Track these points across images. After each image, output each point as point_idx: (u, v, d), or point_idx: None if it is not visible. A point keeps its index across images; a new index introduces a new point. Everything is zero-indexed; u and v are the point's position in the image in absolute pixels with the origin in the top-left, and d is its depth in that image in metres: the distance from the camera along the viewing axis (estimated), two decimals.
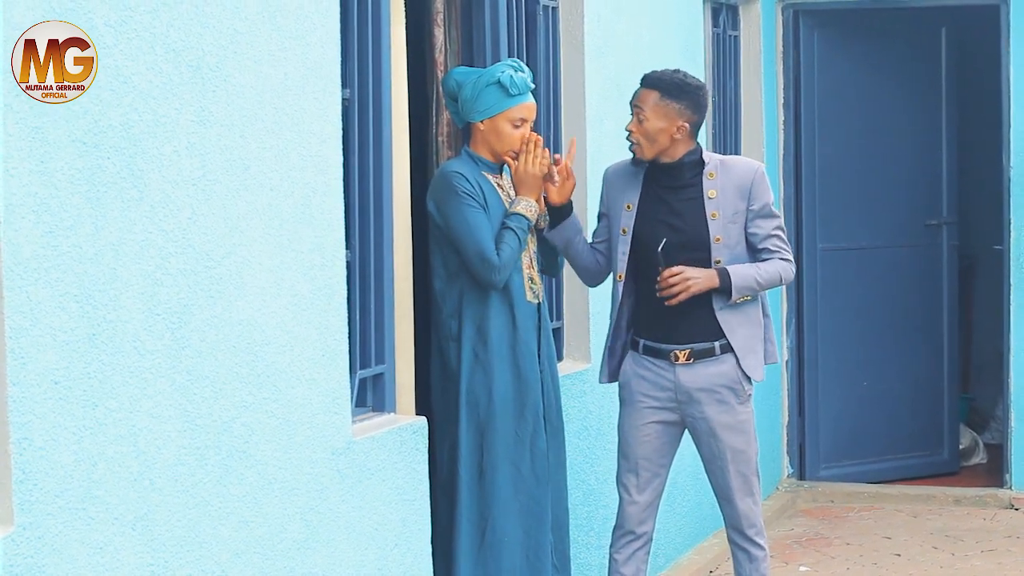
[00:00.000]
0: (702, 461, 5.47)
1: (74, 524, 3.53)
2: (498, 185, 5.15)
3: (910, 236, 8.92)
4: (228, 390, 4.04)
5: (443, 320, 5.11)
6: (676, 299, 5.24)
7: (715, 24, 7.90)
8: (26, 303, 3.40)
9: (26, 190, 3.40)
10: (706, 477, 5.52)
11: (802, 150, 8.66)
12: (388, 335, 4.94)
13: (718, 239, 5.29)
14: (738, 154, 8.06)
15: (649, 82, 5.31)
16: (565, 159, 5.25)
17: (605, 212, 5.45)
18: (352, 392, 4.71)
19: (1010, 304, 8.31)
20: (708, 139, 7.56)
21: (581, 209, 6.18)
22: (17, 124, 3.38)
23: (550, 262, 5.38)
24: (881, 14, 8.72)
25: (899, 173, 8.85)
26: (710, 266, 5.28)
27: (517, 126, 5.11)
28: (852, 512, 8.35)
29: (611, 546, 5.50)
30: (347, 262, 4.67)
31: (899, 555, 7.45)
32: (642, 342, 5.37)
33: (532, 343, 5.15)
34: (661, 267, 5.25)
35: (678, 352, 5.33)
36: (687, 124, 5.27)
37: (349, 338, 4.64)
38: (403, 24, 5.02)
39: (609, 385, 5.60)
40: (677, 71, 5.34)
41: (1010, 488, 8.38)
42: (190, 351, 3.90)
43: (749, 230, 5.34)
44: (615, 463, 5.58)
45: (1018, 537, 7.77)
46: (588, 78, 6.22)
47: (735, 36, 8.18)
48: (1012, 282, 8.29)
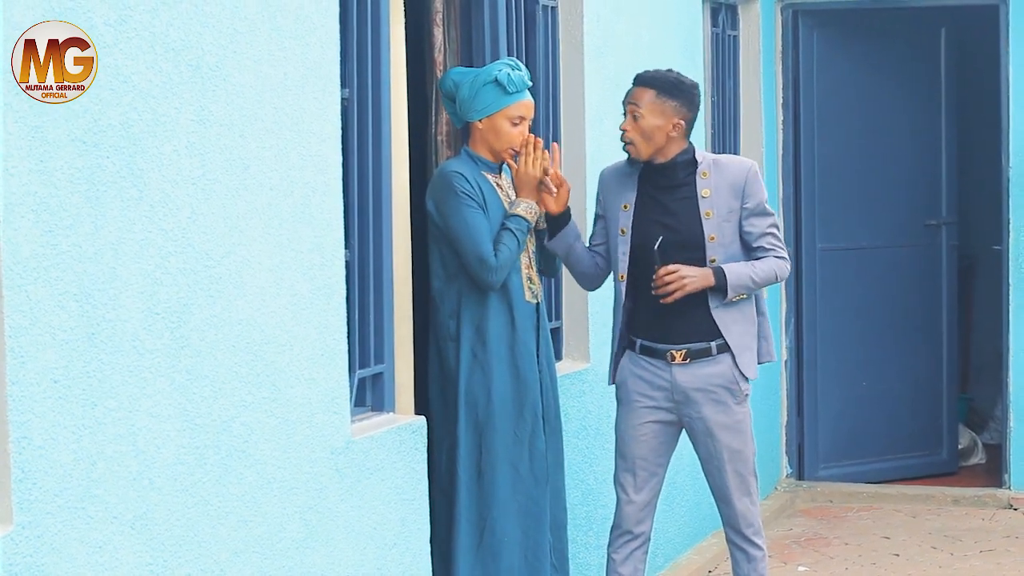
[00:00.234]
0: (700, 461, 5.48)
1: (73, 523, 3.53)
2: (497, 185, 5.15)
3: (909, 236, 8.91)
4: (227, 389, 4.05)
5: (441, 320, 5.11)
6: (671, 297, 5.24)
7: (714, 24, 7.90)
8: (25, 302, 3.40)
9: (25, 189, 3.40)
10: (704, 477, 5.53)
11: (801, 150, 8.66)
12: (387, 335, 4.94)
13: (712, 237, 5.30)
14: (737, 154, 8.06)
15: (644, 80, 5.32)
16: (552, 167, 5.24)
17: (602, 214, 5.45)
18: (351, 391, 4.72)
19: (1009, 304, 8.31)
20: (707, 139, 7.55)
21: (582, 209, 6.18)
22: (17, 123, 3.38)
23: (549, 263, 5.38)
24: (880, 14, 8.72)
25: (898, 173, 8.84)
26: (705, 265, 5.29)
27: (516, 124, 5.11)
28: (851, 512, 8.35)
29: (609, 546, 5.50)
30: (346, 262, 4.67)
31: (898, 555, 7.45)
32: (639, 342, 5.37)
33: (531, 343, 5.15)
34: (657, 265, 5.25)
35: (674, 352, 5.33)
36: (682, 122, 5.28)
37: (348, 338, 4.64)
38: (402, 24, 5.02)
39: (608, 385, 5.60)
40: (670, 70, 5.35)
41: (1009, 488, 8.38)
42: (189, 350, 3.90)
43: (744, 228, 5.35)
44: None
45: (1017, 537, 7.77)
46: (587, 78, 6.22)
47: (734, 36, 8.18)
48: (1011, 282, 8.29)
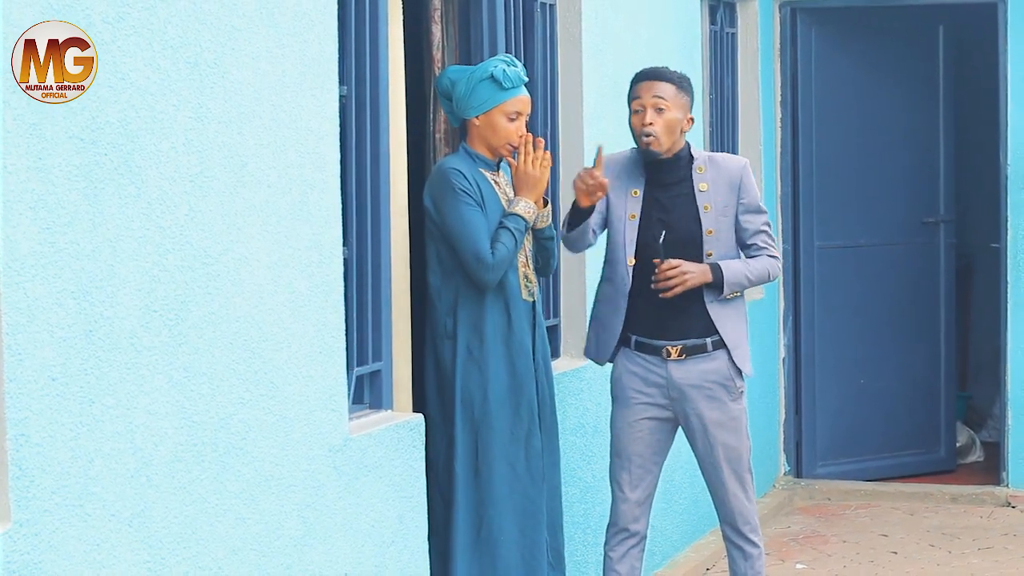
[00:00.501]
0: (696, 458, 5.48)
1: (71, 521, 3.53)
2: (495, 183, 5.15)
3: (907, 234, 8.91)
4: (225, 387, 4.04)
5: (438, 317, 5.10)
6: (672, 292, 5.24)
7: (712, 22, 7.90)
8: (23, 299, 3.40)
9: (23, 186, 3.40)
10: (701, 474, 5.53)
11: (799, 148, 8.66)
12: (385, 332, 4.94)
13: (710, 232, 5.32)
14: (735, 152, 8.07)
15: (662, 75, 5.33)
16: (596, 170, 5.18)
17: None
18: (349, 389, 4.72)
19: (1007, 302, 8.31)
20: (705, 137, 7.56)
21: None
22: (15, 121, 3.38)
23: (544, 263, 5.35)
24: (879, 12, 8.71)
25: (897, 171, 8.84)
26: (702, 259, 5.30)
27: (512, 119, 5.11)
28: (849, 510, 8.35)
29: (605, 544, 5.50)
30: (344, 259, 4.67)
31: (896, 553, 7.45)
32: (634, 338, 5.37)
33: (527, 341, 5.15)
34: (659, 260, 5.25)
35: (670, 348, 5.33)
36: (693, 118, 5.36)
37: (346, 335, 4.64)
38: (400, 21, 5.02)
39: (606, 383, 5.60)
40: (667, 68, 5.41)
41: (1007, 486, 8.38)
42: (187, 348, 3.90)
43: (739, 224, 5.38)
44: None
45: (1015, 535, 7.77)
46: (586, 76, 6.22)
47: (732, 34, 8.18)
48: (1009, 280, 8.29)
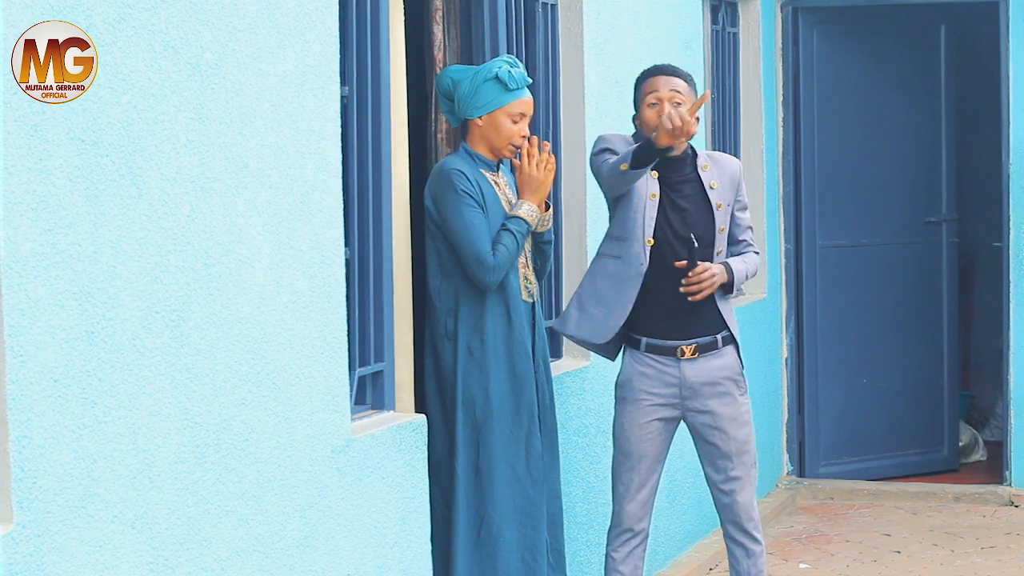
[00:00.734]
0: (701, 456, 5.44)
1: (73, 522, 3.53)
2: (495, 183, 5.14)
3: (910, 233, 8.90)
4: (227, 388, 4.04)
5: (438, 318, 5.09)
6: (701, 295, 5.24)
7: (714, 21, 7.90)
8: (25, 301, 3.40)
9: (25, 188, 3.39)
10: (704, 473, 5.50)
11: (801, 147, 8.65)
12: (387, 332, 4.93)
13: (721, 229, 5.36)
14: (737, 152, 8.07)
15: (676, 71, 5.33)
16: (692, 114, 4.98)
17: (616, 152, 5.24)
18: (351, 390, 4.71)
19: (1010, 301, 8.30)
20: (707, 137, 7.55)
21: (580, 204, 6.18)
22: (16, 122, 3.38)
23: (540, 266, 5.34)
24: (880, 11, 8.71)
25: (898, 170, 8.84)
26: (712, 257, 5.31)
27: (516, 121, 5.11)
28: (852, 509, 8.35)
29: (608, 545, 5.47)
30: (346, 259, 4.67)
31: (899, 552, 7.45)
32: (644, 340, 5.34)
33: (527, 342, 5.14)
34: (690, 262, 5.22)
35: (684, 347, 5.32)
36: (698, 116, 5.32)
37: (348, 336, 4.63)
38: (402, 21, 5.02)
39: (608, 383, 5.58)
40: None
41: (1010, 485, 8.37)
42: (189, 349, 3.90)
43: (734, 221, 5.43)
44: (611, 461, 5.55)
45: (1018, 534, 7.76)
46: (587, 75, 6.21)
47: (734, 33, 8.18)
48: (1012, 279, 8.28)
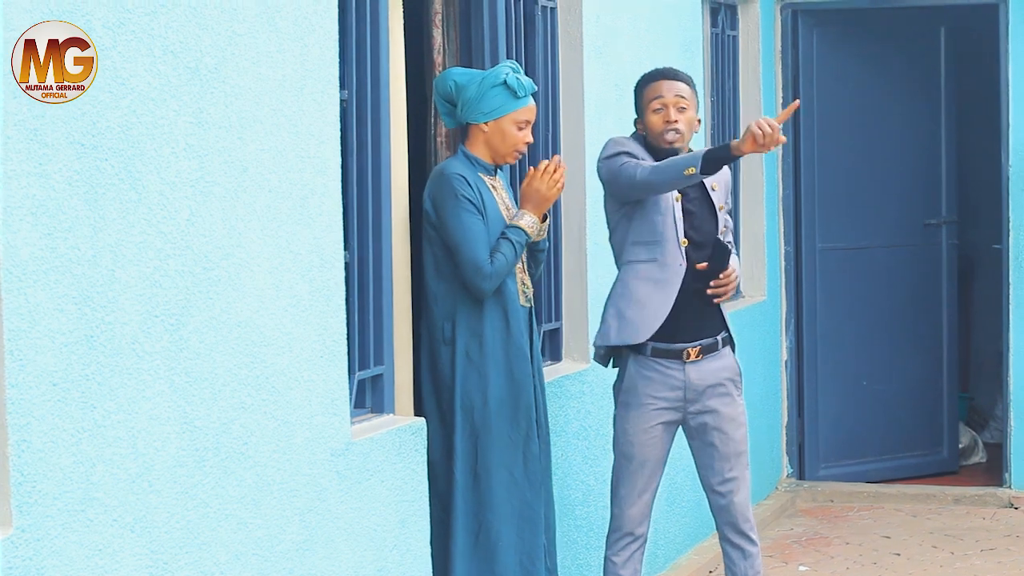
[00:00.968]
0: (697, 458, 5.43)
1: (73, 526, 3.53)
2: (492, 187, 5.15)
3: (909, 235, 8.91)
4: (227, 391, 4.04)
5: (435, 322, 5.08)
6: (724, 298, 5.30)
7: (714, 24, 7.90)
8: (24, 305, 3.40)
9: (24, 192, 3.40)
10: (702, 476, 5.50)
11: (801, 150, 8.66)
12: (387, 336, 4.93)
13: (722, 231, 5.37)
14: None
15: (679, 75, 5.35)
16: (778, 123, 4.94)
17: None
18: (351, 393, 4.71)
19: (1009, 303, 8.30)
20: (707, 139, 7.55)
21: (580, 208, 6.18)
22: (15, 126, 3.38)
23: (533, 271, 5.32)
24: (880, 14, 8.72)
25: (898, 172, 8.85)
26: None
27: (521, 128, 5.12)
28: (851, 511, 8.35)
29: (608, 549, 5.45)
30: (345, 263, 4.67)
31: (898, 554, 7.45)
32: (651, 344, 5.34)
33: (525, 346, 5.13)
34: (709, 265, 5.24)
35: (690, 350, 5.33)
36: (700, 119, 5.39)
37: (348, 339, 4.63)
38: (401, 25, 5.02)
39: (607, 387, 5.57)
40: None
41: (1009, 487, 8.37)
42: (188, 353, 3.90)
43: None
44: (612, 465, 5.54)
45: (1018, 536, 7.77)
46: (587, 78, 6.21)
47: (734, 36, 8.18)
48: (1011, 281, 8.29)
